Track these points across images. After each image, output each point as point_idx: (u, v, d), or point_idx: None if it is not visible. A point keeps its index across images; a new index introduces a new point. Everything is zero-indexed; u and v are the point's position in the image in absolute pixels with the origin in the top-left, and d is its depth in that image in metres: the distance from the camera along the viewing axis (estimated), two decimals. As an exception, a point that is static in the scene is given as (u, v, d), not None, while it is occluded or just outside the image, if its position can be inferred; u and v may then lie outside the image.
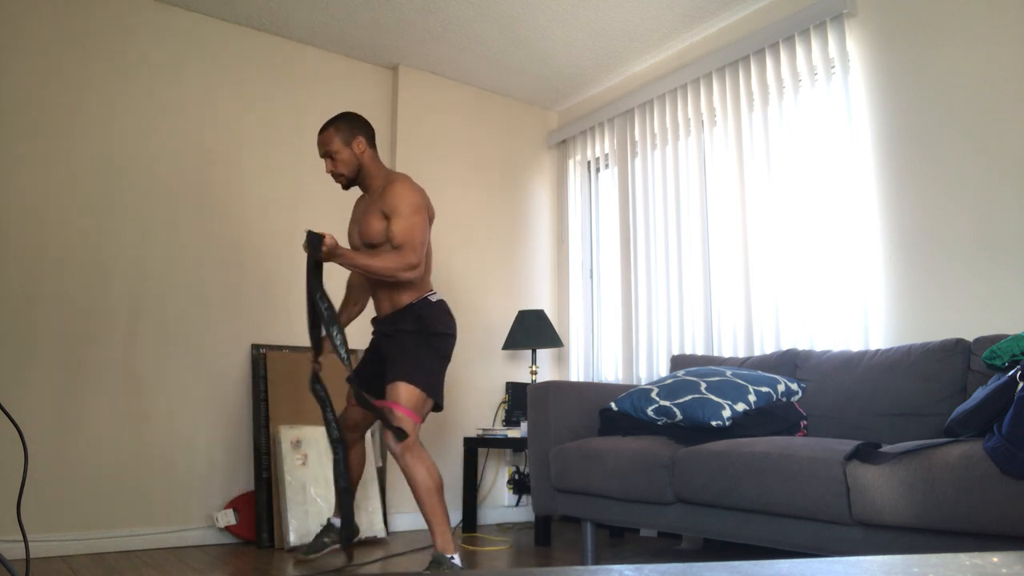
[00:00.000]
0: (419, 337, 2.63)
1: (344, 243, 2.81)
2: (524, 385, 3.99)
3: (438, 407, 2.68)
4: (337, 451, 2.61)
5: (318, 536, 2.92)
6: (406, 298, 2.67)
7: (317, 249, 2.47)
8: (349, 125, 2.72)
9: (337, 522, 2.92)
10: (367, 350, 2.87)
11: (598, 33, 3.72)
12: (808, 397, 2.63)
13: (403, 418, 2.49)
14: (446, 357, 2.70)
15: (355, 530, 2.68)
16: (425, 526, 3.69)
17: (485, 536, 3.54)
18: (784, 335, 3.10)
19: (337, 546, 2.90)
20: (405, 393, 2.53)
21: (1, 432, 2.72)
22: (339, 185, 2.78)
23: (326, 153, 2.72)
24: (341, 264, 2.53)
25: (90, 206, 3.19)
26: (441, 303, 2.72)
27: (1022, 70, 2.51)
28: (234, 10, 3.54)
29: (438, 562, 2.40)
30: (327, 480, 3.26)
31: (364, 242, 2.68)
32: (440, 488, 2.49)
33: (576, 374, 4.19)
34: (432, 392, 2.60)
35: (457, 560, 2.42)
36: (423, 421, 2.59)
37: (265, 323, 3.54)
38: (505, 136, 4.41)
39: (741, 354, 3.26)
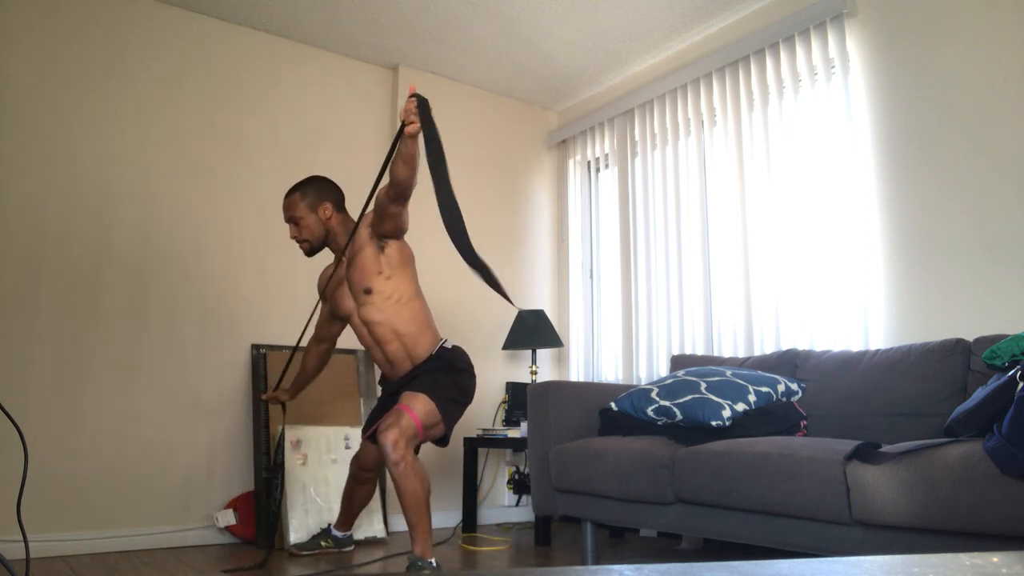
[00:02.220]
0: (444, 371, 2.57)
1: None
2: (524, 385, 3.99)
3: (445, 440, 2.62)
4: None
5: (315, 536, 3.00)
6: (423, 349, 2.59)
7: (429, 112, 2.17)
8: (316, 190, 2.63)
9: (337, 532, 2.99)
10: (375, 408, 2.80)
11: (598, 33, 3.71)
12: (808, 397, 2.63)
13: (409, 424, 2.40)
14: (467, 395, 2.61)
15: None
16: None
17: (485, 536, 3.54)
18: (784, 335, 3.10)
19: (332, 551, 2.98)
20: (421, 403, 2.45)
21: (1, 432, 2.72)
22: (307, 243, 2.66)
23: (290, 218, 2.63)
24: (410, 145, 2.27)
25: (90, 206, 3.19)
26: (458, 347, 2.67)
27: (1022, 70, 2.51)
28: (234, 10, 3.54)
29: (416, 565, 2.35)
30: (327, 480, 3.26)
31: (362, 287, 2.57)
32: (428, 498, 2.42)
33: (576, 374, 4.19)
34: (447, 417, 2.52)
35: (434, 563, 2.38)
36: (424, 441, 2.52)
37: (265, 323, 3.54)
38: (505, 136, 4.41)
39: (741, 354, 3.26)
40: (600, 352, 4.15)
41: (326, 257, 2.93)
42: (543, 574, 0.70)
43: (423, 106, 2.18)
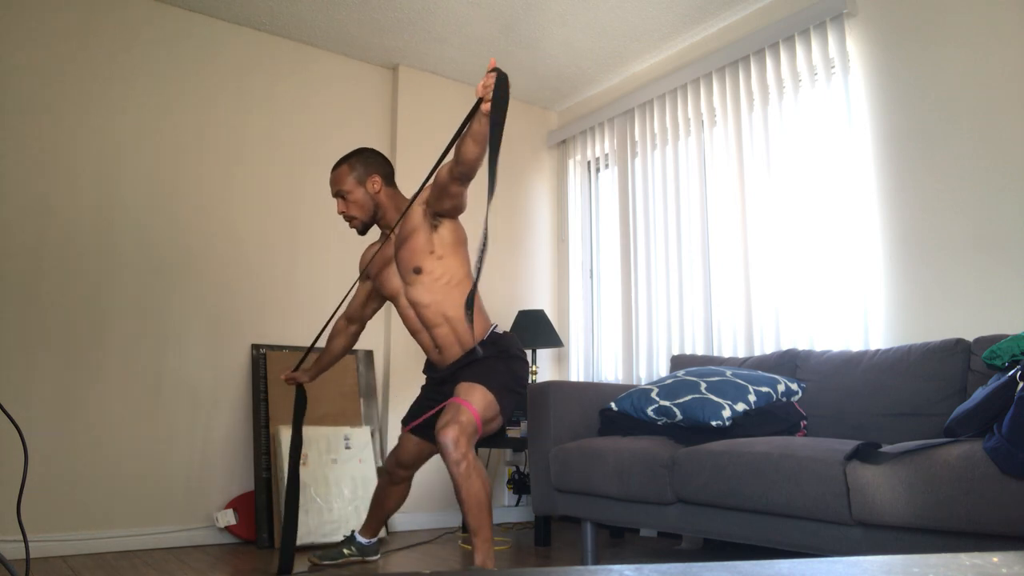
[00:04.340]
0: (499, 359, 2.42)
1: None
2: (524, 385, 3.99)
3: (501, 433, 2.47)
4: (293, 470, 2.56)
5: (338, 545, 2.83)
6: (474, 335, 2.42)
7: (506, 90, 2.00)
8: (364, 162, 2.50)
9: (361, 538, 2.79)
10: (419, 398, 2.66)
11: (598, 33, 3.71)
12: (808, 397, 2.63)
13: (469, 420, 2.23)
14: (522, 384, 2.46)
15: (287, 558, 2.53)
16: (426, 526, 3.71)
17: (485, 536, 3.53)
18: (784, 335, 3.10)
19: (355, 559, 2.80)
20: (479, 396, 2.29)
21: (1, 432, 2.72)
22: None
23: (337, 192, 2.50)
24: (484, 123, 2.17)
25: (91, 206, 3.19)
26: (509, 333, 2.54)
27: (1022, 70, 2.51)
28: (234, 10, 3.54)
29: None
30: (327, 480, 3.26)
31: (412, 266, 2.43)
32: (490, 500, 2.26)
33: (576, 374, 4.19)
34: (504, 409, 2.37)
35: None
36: (483, 436, 2.34)
37: (265, 323, 3.54)
38: (505, 136, 4.38)
39: (741, 354, 3.26)
40: (600, 352, 4.15)
41: (341, 239, 2.92)
42: (543, 574, 0.70)
43: (501, 83, 2.02)
